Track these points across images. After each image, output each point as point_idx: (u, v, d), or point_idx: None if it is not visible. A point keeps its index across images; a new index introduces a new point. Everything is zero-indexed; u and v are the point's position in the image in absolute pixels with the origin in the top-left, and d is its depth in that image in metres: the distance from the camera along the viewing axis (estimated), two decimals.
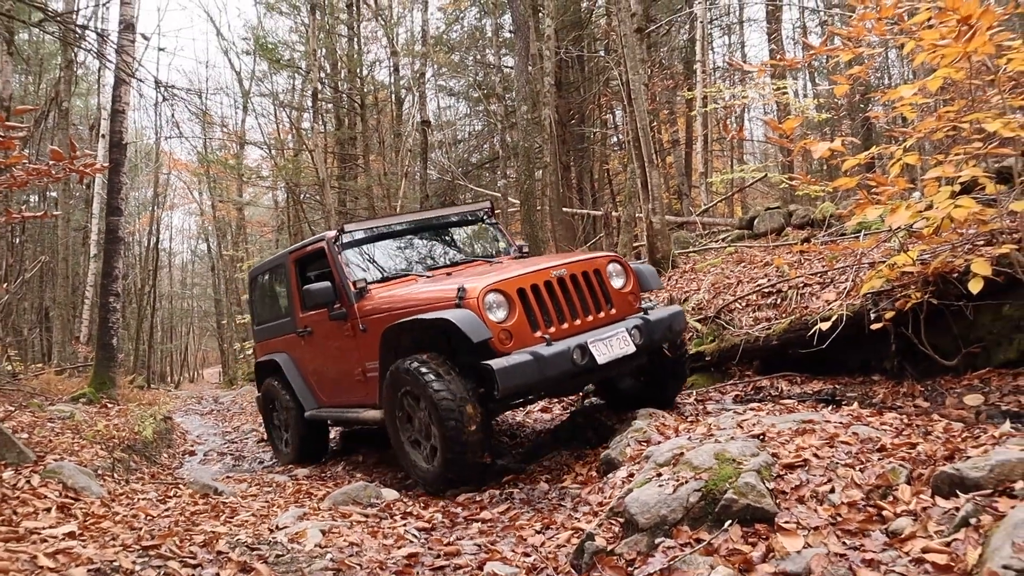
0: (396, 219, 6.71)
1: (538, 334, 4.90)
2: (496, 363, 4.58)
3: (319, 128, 21.34)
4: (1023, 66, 4.46)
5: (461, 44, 24.43)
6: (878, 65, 17.55)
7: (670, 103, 20.58)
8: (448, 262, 6.40)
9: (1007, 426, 3.29)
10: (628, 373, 5.75)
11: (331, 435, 7.95)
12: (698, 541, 2.81)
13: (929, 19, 4.52)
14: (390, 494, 5.01)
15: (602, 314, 5.25)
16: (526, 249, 6.81)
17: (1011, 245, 4.42)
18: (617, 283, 5.45)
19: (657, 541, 2.90)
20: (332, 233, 6.20)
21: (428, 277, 5.96)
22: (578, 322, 5.12)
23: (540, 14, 15.35)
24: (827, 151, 4.81)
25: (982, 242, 5.00)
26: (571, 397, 6.95)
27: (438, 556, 3.59)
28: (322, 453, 7.36)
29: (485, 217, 6.98)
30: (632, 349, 5.01)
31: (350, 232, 6.23)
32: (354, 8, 22.76)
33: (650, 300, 6.14)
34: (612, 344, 4.96)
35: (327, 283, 5.91)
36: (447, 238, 6.78)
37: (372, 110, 24.49)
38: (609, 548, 3.05)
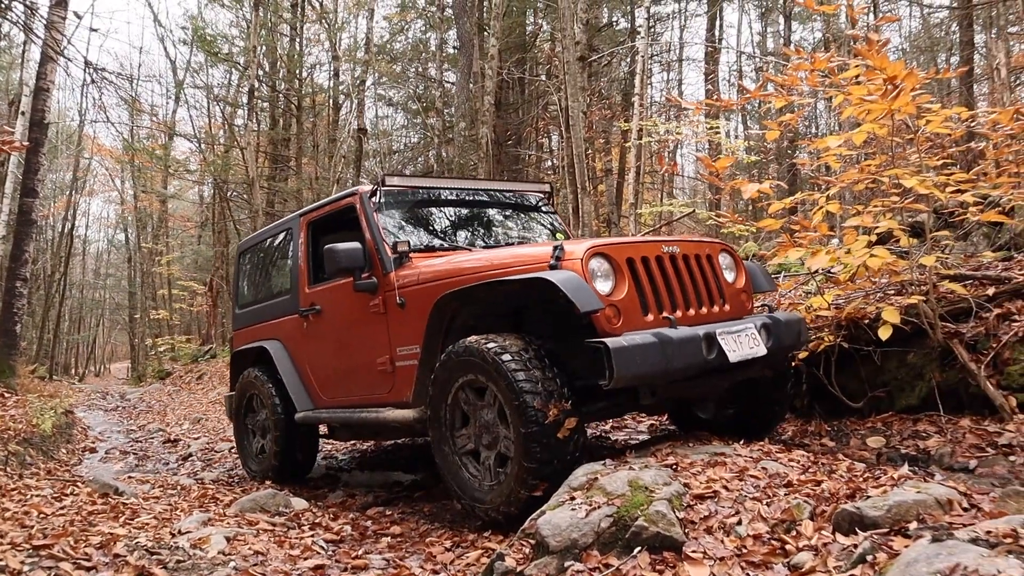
0: (443, 182, 5.77)
1: (649, 317, 3.90)
2: (612, 341, 3.54)
3: (252, 126, 20.98)
4: (940, 128, 4.71)
5: (404, 55, 24.39)
6: (807, 114, 18.23)
7: (606, 133, 20.90)
8: (504, 243, 5.34)
9: (905, 469, 3.42)
10: (715, 395, 4.83)
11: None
12: (607, 566, 2.84)
13: (858, 76, 4.73)
14: (299, 503, 4.92)
15: (716, 308, 4.28)
16: None
17: (919, 296, 4.63)
18: (729, 276, 4.52)
19: (567, 564, 2.91)
20: (366, 187, 5.20)
21: None
22: (692, 312, 4.11)
23: (485, 33, 15.47)
24: (755, 192, 4.97)
25: (893, 291, 5.22)
26: None
27: (345, 569, 3.54)
28: (308, 467, 6.17)
29: (541, 204, 5.95)
30: (763, 350, 4.07)
31: (390, 187, 5.16)
32: (299, 8, 22.54)
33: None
34: (741, 340, 4.00)
35: (356, 243, 4.80)
36: (501, 217, 5.75)
37: (308, 113, 24.24)
38: (519, 569, 3.05)
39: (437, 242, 5.09)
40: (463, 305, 4.22)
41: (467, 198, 5.61)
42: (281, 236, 6.22)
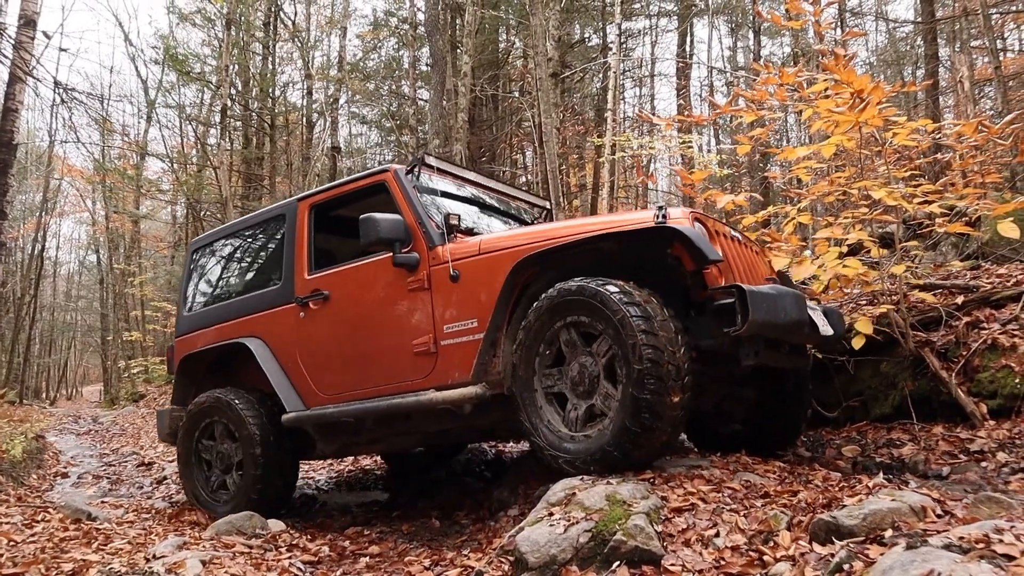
0: (471, 174, 5.57)
1: None
2: (744, 286, 3.51)
3: (225, 145, 20.87)
4: (907, 140, 4.80)
5: (377, 73, 24.42)
6: (778, 128, 18.44)
7: (580, 148, 21.03)
8: None
9: (880, 477, 3.46)
10: (745, 401, 4.70)
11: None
12: None
13: (826, 89, 4.80)
14: (276, 525, 4.85)
15: None
16: None
17: (890, 306, 4.69)
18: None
19: None
20: (399, 165, 4.94)
21: None
22: None
23: (458, 50, 15.53)
24: (731, 203, 5.02)
25: (865, 302, 5.28)
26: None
27: None
28: (287, 497, 5.49)
29: (536, 221, 5.78)
30: (830, 331, 4.08)
31: (429, 167, 4.97)
32: (271, 27, 22.51)
33: None
34: (818, 317, 3.98)
35: (397, 215, 4.58)
36: (507, 220, 5.56)
37: (282, 131, 24.15)
38: None
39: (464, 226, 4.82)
40: (543, 270, 4.06)
41: (482, 196, 5.46)
42: (264, 226, 5.81)
